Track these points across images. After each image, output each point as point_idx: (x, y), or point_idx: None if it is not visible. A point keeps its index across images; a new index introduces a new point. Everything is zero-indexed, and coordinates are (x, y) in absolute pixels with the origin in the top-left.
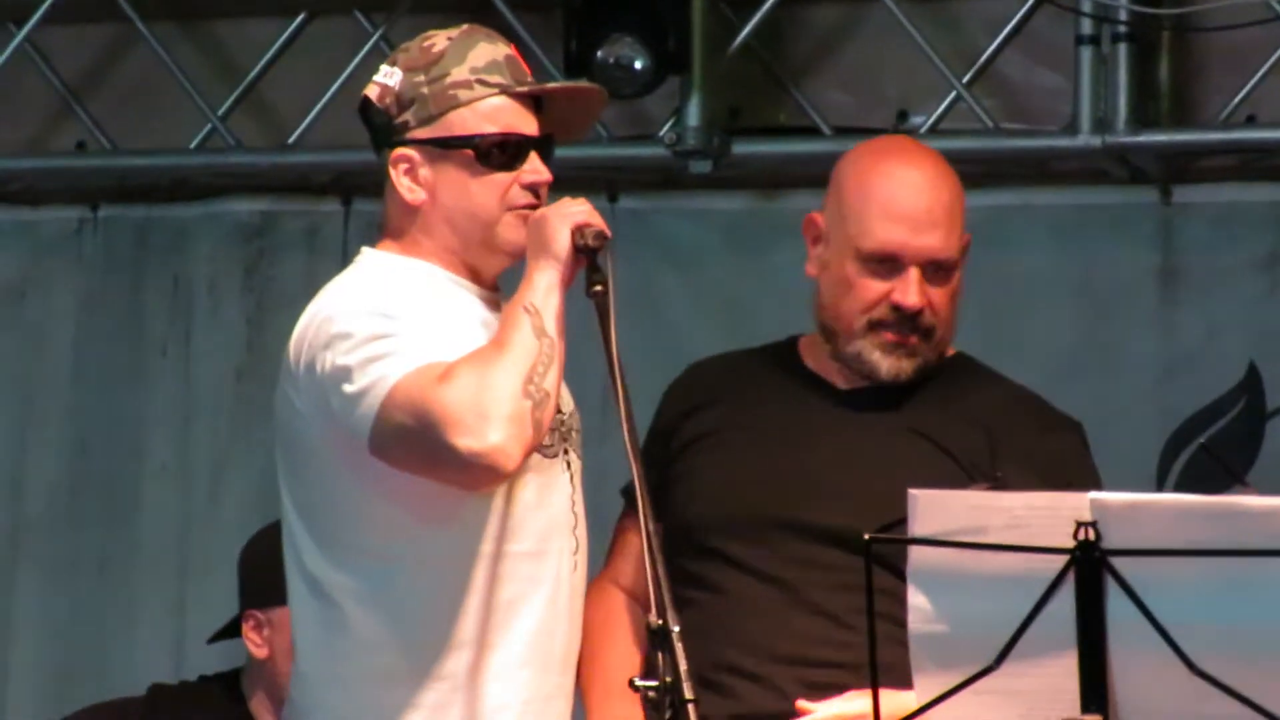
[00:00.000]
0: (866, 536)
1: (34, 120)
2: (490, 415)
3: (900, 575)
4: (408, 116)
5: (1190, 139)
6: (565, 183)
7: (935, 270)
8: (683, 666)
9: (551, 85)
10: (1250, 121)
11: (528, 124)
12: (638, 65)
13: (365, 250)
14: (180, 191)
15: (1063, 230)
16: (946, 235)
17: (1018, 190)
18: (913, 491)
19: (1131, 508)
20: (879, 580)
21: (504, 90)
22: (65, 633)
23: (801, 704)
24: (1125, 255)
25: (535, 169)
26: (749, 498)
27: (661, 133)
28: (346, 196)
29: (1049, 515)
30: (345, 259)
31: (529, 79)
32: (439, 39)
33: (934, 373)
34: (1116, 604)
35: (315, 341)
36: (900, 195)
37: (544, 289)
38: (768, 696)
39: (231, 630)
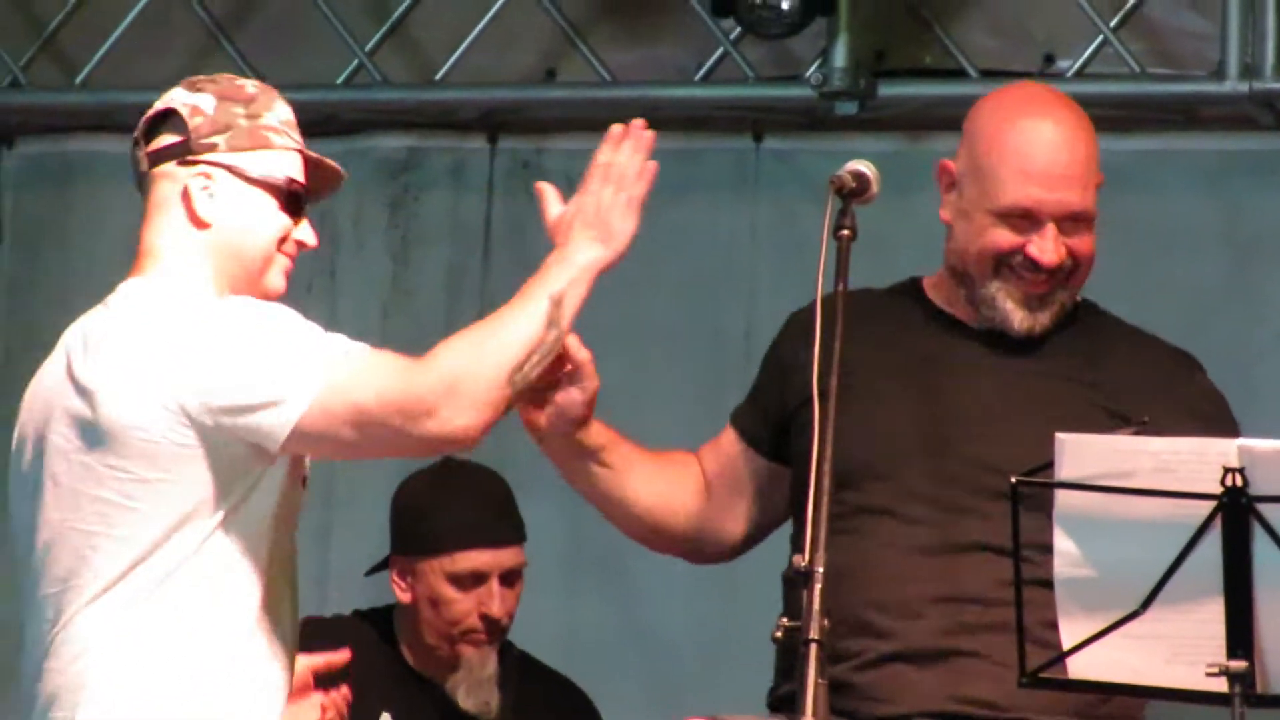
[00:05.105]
0: (1014, 480)
1: (182, 55)
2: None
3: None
4: (218, 140)
5: None
6: (711, 123)
7: (1073, 223)
8: (815, 606)
9: (313, 155)
10: None
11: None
12: (785, 5)
13: (146, 281)
14: (327, 127)
15: (1208, 176)
16: (1084, 189)
17: (1163, 135)
18: (1060, 435)
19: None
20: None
21: (300, 150)
22: None
23: None
24: (1270, 201)
25: (307, 231)
26: (895, 439)
27: (808, 74)
28: (493, 133)
29: (1196, 460)
30: (490, 195)
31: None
32: (247, 84)
33: (1068, 319)
34: (1263, 550)
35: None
36: (1036, 153)
37: (579, 272)
38: (925, 633)
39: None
